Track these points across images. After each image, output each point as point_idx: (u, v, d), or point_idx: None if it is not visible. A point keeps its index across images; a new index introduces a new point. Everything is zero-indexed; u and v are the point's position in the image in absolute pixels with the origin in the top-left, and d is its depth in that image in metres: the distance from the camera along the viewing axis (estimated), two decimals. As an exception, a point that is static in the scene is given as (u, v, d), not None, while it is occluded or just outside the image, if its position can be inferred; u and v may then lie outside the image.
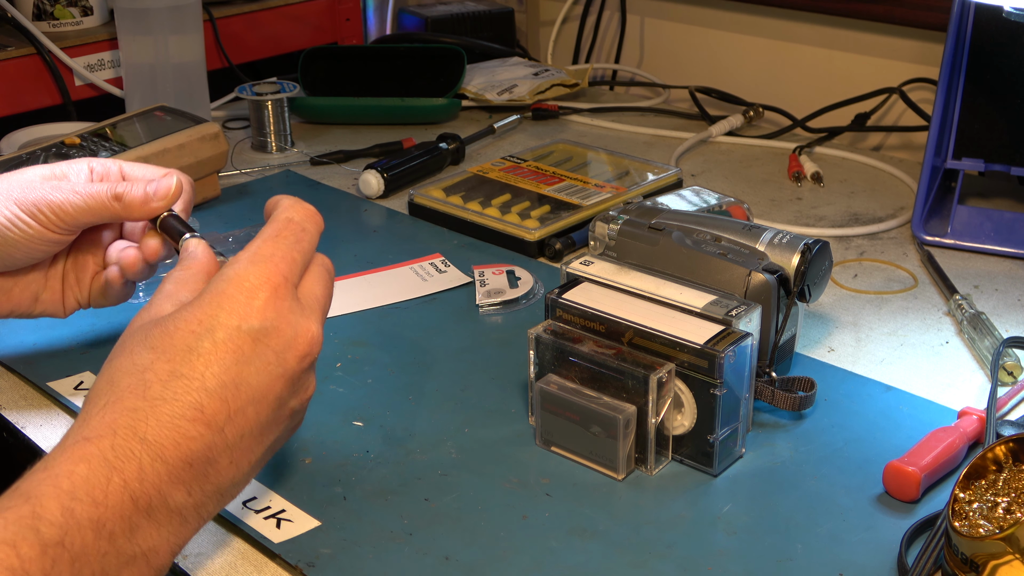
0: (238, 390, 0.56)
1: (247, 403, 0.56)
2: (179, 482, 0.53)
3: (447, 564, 0.62)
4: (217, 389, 0.55)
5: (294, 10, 1.48)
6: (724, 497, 0.67)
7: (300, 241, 0.61)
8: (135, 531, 0.51)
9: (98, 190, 0.70)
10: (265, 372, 0.57)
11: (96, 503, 0.50)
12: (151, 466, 0.52)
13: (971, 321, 0.85)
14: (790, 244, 0.76)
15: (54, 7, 1.29)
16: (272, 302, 0.58)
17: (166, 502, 0.53)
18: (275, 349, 0.58)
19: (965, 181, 1.05)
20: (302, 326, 0.59)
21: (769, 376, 0.74)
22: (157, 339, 0.56)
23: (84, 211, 0.70)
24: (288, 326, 0.58)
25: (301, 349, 0.59)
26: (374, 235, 1.05)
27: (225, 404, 0.55)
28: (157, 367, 0.55)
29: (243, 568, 0.62)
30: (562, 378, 0.71)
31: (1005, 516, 0.58)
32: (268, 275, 0.58)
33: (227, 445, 0.55)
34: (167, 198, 0.71)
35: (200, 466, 0.54)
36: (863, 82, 1.32)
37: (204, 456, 0.54)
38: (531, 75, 1.43)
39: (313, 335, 0.59)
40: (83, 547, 0.49)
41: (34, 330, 0.86)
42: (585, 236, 0.94)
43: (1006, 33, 0.99)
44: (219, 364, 0.56)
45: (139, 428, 0.53)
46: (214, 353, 0.56)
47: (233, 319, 0.57)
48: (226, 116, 1.39)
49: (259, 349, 0.57)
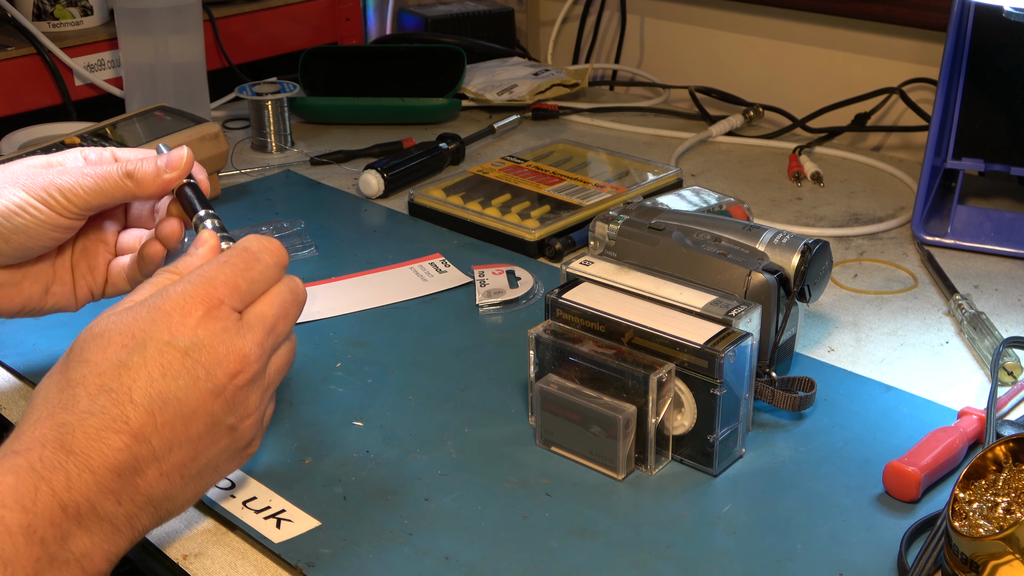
0: (165, 404, 0.57)
1: (175, 417, 0.57)
2: (107, 491, 0.54)
3: (447, 564, 0.62)
4: (143, 402, 0.56)
5: (294, 10, 1.48)
6: (724, 497, 0.67)
7: (249, 269, 0.62)
8: (67, 538, 0.53)
9: (108, 170, 0.70)
10: (194, 387, 0.58)
11: (25, 510, 0.51)
12: (79, 476, 0.53)
13: (971, 321, 0.85)
14: (790, 244, 0.76)
15: (54, 7, 1.29)
16: (205, 321, 0.59)
17: (95, 510, 0.54)
18: (205, 365, 0.58)
19: (965, 181, 1.05)
20: (235, 344, 0.60)
21: (769, 376, 0.74)
22: (92, 351, 0.58)
23: (96, 192, 0.69)
24: (220, 344, 0.59)
25: (232, 367, 0.59)
26: (374, 235, 1.05)
27: (151, 416, 0.56)
28: (88, 381, 0.56)
29: (243, 568, 0.62)
30: (562, 378, 0.71)
31: (1005, 516, 0.58)
32: (205, 295, 0.59)
33: (154, 456, 0.56)
34: (180, 168, 0.70)
35: (128, 476, 0.55)
36: (863, 82, 1.32)
37: (131, 466, 0.55)
38: (531, 75, 1.43)
39: (245, 353, 0.60)
40: (14, 552, 0.51)
41: (34, 330, 0.86)
42: (585, 236, 0.94)
43: (1006, 33, 0.99)
44: (146, 378, 0.57)
45: (66, 441, 0.54)
46: (143, 367, 0.57)
47: (164, 334, 0.58)
48: (226, 116, 1.39)
49: (188, 364, 0.58)
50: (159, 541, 0.64)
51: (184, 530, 0.65)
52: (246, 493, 0.67)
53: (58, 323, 0.87)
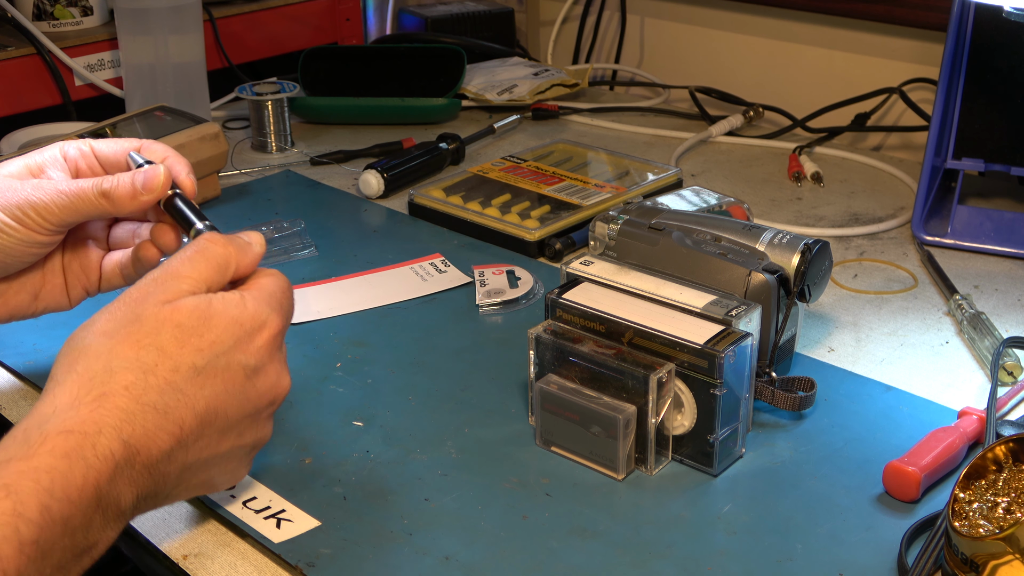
0: (216, 416, 0.58)
1: (217, 430, 0.59)
2: (134, 485, 0.55)
3: (447, 564, 0.62)
4: (203, 413, 0.58)
5: (294, 10, 1.48)
6: (724, 497, 0.67)
7: (291, 302, 0.65)
8: (90, 527, 0.53)
9: (83, 187, 0.69)
10: (241, 407, 0.60)
11: (70, 502, 0.51)
12: (122, 469, 0.54)
13: (971, 321, 0.85)
14: (790, 244, 0.76)
15: (54, 7, 1.29)
16: (268, 346, 0.61)
17: (119, 503, 0.54)
18: (258, 388, 0.61)
19: (965, 181, 1.05)
20: (284, 377, 0.63)
21: (769, 376, 0.74)
22: (168, 341, 0.57)
23: (70, 211, 0.69)
24: (273, 371, 0.62)
25: (276, 396, 0.62)
26: (374, 235, 1.05)
27: (201, 427, 0.58)
28: (159, 372, 0.56)
29: (243, 568, 0.62)
30: (562, 378, 0.71)
31: (1005, 516, 0.58)
32: (276, 323, 0.62)
33: (186, 465, 0.58)
34: (156, 190, 0.69)
35: (158, 476, 0.56)
36: (863, 82, 1.32)
37: (163, 469, 0.56)
38: (531, 75, 1.43)
39: (287, 388, 0.63)
40: (51, 543, 0.50)
41: (34, 330, 0.86)
42: (585, 236, 0.94)
43: (1006, 33, 0.99)
44: (212, 389, 0.58)
45: (124, 430, 0.54)
46: (215, 379, 0.58)
47: (238, 353, 0.59)
48: (226, 116, 1.39)
49: (247, 387, 0.60)
50: (159, 541, 0.64)
51: (184, 530, 0.65)
52: (246, 493, 0.67)
53: (58, 323, 0.87)
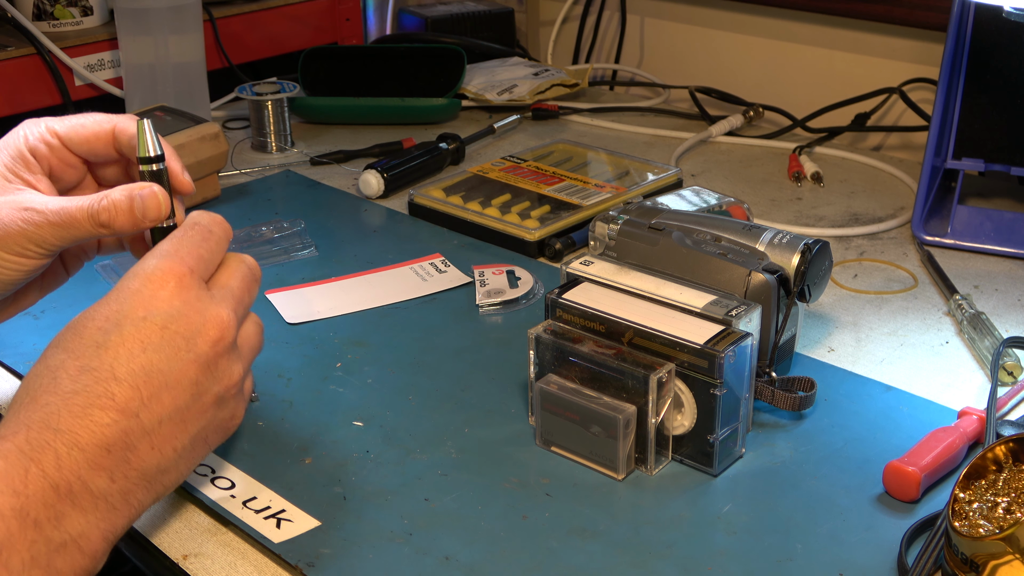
0: (149, 377, 0.57)
1: (160, 388, 0.57)
2: (99, 468, 0.54)
3: (447, 564, 0.62)
4: (127, 377, 0.57)
5: (294, 10, 1.48)
6: (724, 497, 0.67)
7: (206, 240, 0.63)
8: (61, 518, 0.53)
9: (74, 216, 0.65)
10: (176, 358, 0.58)
11: (16, 493, 0.51)
12: (67, 454, 0.54)
13: (971, 321, 0.85)
14: (790, 244, 0.76)
15: (54, 7, 1.29)
16: (178, 292, 0.60)
17: (88, 488, 0.54)
18: (183, 335, 0.59)
19: (965, 181, 1.05)
20: (211, 312, 0.60)
21: (769, 376, 0.74)
22: (68, 340, 0.58)
23: (67, 239, 0.66)
24: (196, 313, 0.60)
25: (211, 334, 0.60)
26: (374, 235, 1.05)
27: (136, 391, 0.57)
28: (68, 365, 0.57)
29: (243, 568, 0.62)
30: (562, 378, 0.71)
31: (1005, 516, 0.58)
32: (172, 267, 0.60)
33: (144, 430, 0.57)
34: (158, 218, 0.66)
35: (119, 452, 0.55)
36: (863, 82, 1.32)
37: (122, 442, 0.56)
38: (531, 75, 1.43)
39: (223, 319, 0.61)
40: (8, 535, 0.50)
41: (34, 330, 0.86)
42: (585, 236, 0.94)
43: (1006, 33, 0.99)
44: (127, 354, 0.57)
45: (51, 420, 0.54)
46: (121, 345, 0.57)
47: (139, 311, 0.58)
48: (226, 116, 1.39)
49: (166, 336, 0.58)
50: (159, 541, 0.64)
51: (184, 530, 0.65)
52: (246, 493, 0.67)
53: (58, 323, 0.87)
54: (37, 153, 0.70)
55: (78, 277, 0.95)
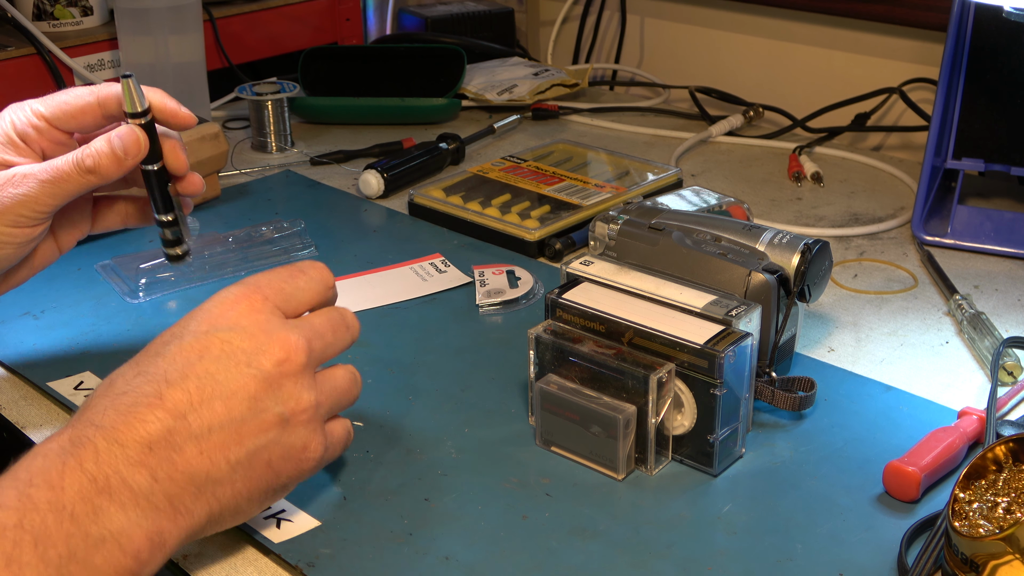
0: (202, 382, 0.56)
1: (213, 396, 0.56)
2: (139, 465, 0.53)
3: (447, 564, 0.62)
4: (179, 381, 0.56)
5: (294, 10, 1.48)
6: (724, 497, 0.67)
7: (293, 277, 0.62)
8: (99, 513, 0.52)
9: (63, 170, 0.69)
10: (234, 370, 0.57)
11: (52, 486, 0.51)
12: (107, 449, 0.53)
13: (971, 321, 0.85)
14: (790, 244, 0.76)
15: (54, 7, 1.29)
16: (247, 313, 0.59)
17: (127, 483, 0.53)
18: (245, 350, 0.58)
19: (965, 181, 1.05)
20: (279, 334, 0.59)
21: (769, 376, 0.74)
22: (139, 356, 0.59)
23: (58, 196, 0.69)
24: (262, 332, 0.59)
25: (277, 354, 0.59)
26: (374, 235, 1.05)
27: (187, 394, 0.56)
28: (126, 371, 0.57)
29: (243, 568, 0.62)
30: (562, 378, 0.71)
31: (1005, 516, 0.58)
32: (246, 292, 0.60)
33: (192, 434, 0.55)
34: (139, 153, 0.70)
35: (162, 451, 0.54)
36: (863, 82, 1.32)
37: (165, 440, 0.55)
38: (531, 75, 1.43)
39: (291, 341, 0.59)
40: (44, 528, 0.50)
41: (34, 330, 0.86)
42: (585, 236, 0.94)
43: (1006, 33, 0.99)
44: (183, 360, 0.57)
45: (96, 418, 0.54)
46: (180, 352, 0.57)
47: (203, 325, 0.59)
48: (226, 116, 1.39)
49: (227, 348, 0.58)
50: (159, 541, 0.64)
51: (184, 530, 0.65)
52: (246, 493, 0.67)
53: (58, 323, 0.87)
54: (27, 138, 0.71)
55: (78, 277, 0.95)
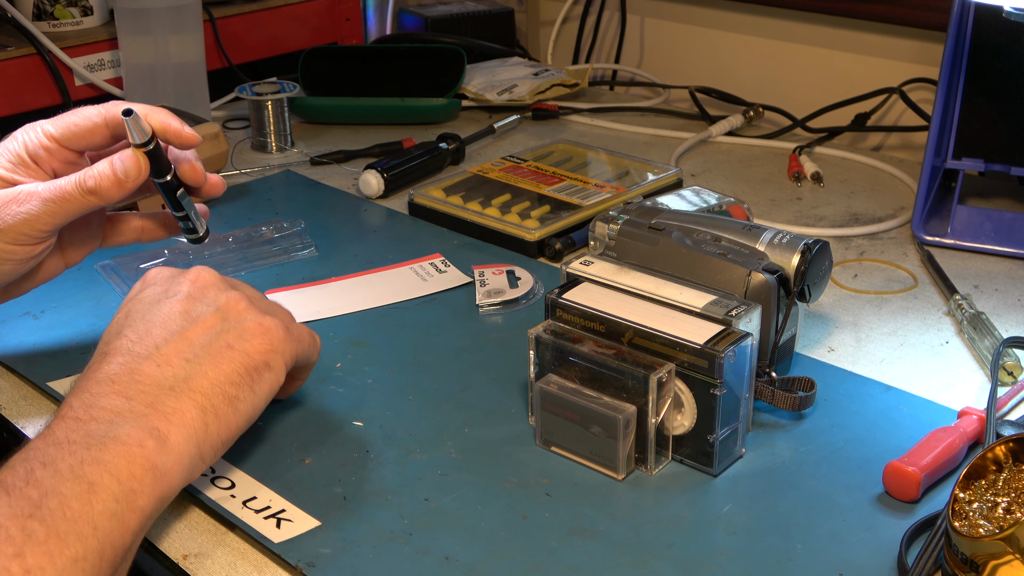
0: (135, 325, 0.64)
1: (151, 328, 0.64)
2: (109, 394, 0.60)
3: (447, 564, 0.62)
4: (115, 336, 0.64)
5: (294, 10, 1.48)
6: (724, 497, 0.67)
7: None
8: (91, 435, 0.57)
9: (66, 190, 0.70)
10: (157, 306, 0.66)
11: (44, 439, 0.57)
12: (77, 398, 0.60)
13: (971, 321, 0.85)
14: (790, 244, 0.76)
15: (54, 7, 1.29)
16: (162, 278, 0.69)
17: (104, 408, 0.59)
18: (163, 287, 0.67)
19: (965, 181, 1.05)
20: (191, 270, 0.68)
21: (769, 376, 0.74)
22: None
23: (60, 215, 0.70)
24: (177, 273, 0.68)
25: (187, 282, 0.67)
26: (374, 235, 1.05)
27: (127, 340, 0.63)
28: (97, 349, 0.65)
29: (243, 568, 0.62)
30: (562, 378, 0.71)
31: (1005, 516, 0.58)
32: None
33: (143, 356, 0.63)
34: (139, 177, 0.72)
35: (124, 378, 0.61)
36: (863, 82, 1.32)
37: (123, 370, 0.62)
38: (531, 75, 1.43)
39: (200, 270, 0.68)
40: (48, 455, 0.56)
41: (34, 330, 0.86)
42: (585, 236, 0.94)
43: (1006, 33, 0.99)
44: (113, 328, 0.65)
45: (72, 392, 0.62)
46: (107, 330, 0.66)
47: (119, 313, 0.67)
48: (226, 116, 1.39)
49: (142, 300, 0.67)
50: (159, 541, 0.64)
51: (184, 530, 0.65)
52: (246, 493, 0.67)
53: (58, 323, 0.87)
54: (38, 158, 0.73)
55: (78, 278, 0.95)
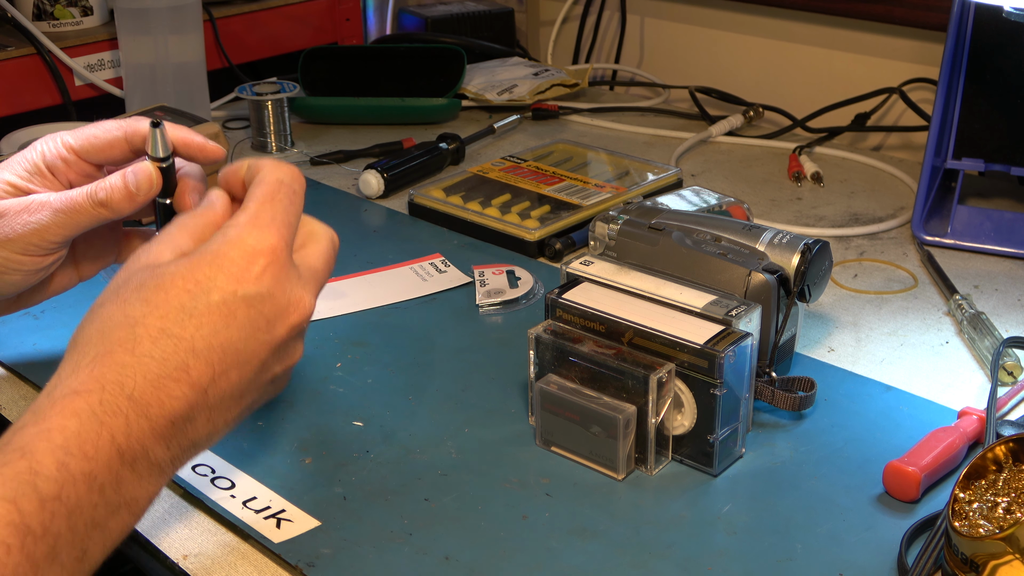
0: (224, 354, 0.57)
1: (231, 367, 0.57)
2: (160, 438, 0.55)
3: (447, 564, 0.62)
4: (204, 351, 0.56)
5: (294, 10, 1.48)
6: (724, 497, 0.67)
7: (293, 203, 0.62)
8: (121, 483, 0.53)
9: (77, 201, 0.68)
10: (253, 338, 0.58)
11: (87, 457, 0.51)
12: (136, 422, 0.54)
13: (971, 321, 0.85)
14: (790, 244, 0.76)
15: (54, 7, 1.29)
16: (270, 268, 0.59)
17: (148, 456, 0.54)
18: (267, 316, 0.59)
19: (965, 181, 1.05)
20: (296, 295, 0.60)
21: (769, 376, 0.74)
22: (151, 291, 0.57)
23: (70, 227, 0.68)
24: (282, 294, 0.59)
25: (292, 319, 0.60)
26: (374, 235, 1.05)
27: (211, 367, 0.56)
28: (148, 322, 0.56)
29: (243, 568, 0.62)
30: (562, 378, 0.71)
31: (1005, 516, 0.58)
32: (268, 240, 0.59)
33: (207, 406, 0.57)
34: (150, 191, 0.68)
35: (181, 424, 0.56)
36: (863, 82, 1.32)
37: (185, 415, 0.56)
38: (531, 75, 1.43)
39: (306, 306, 0.61)
40: (77, 500, 0.51)
41: (34, 330, 0.86)
42: (585, 236, 0.94)
43: (1006, 33, 0.99)
44: (210, 327, 0.56)
45: (127, 384, 0.54)
46: (207, 315, 0.57)
47: (230, 283, 0.57)
48: (226, 116, 1.39)
49: (251, 315, 0.58)
50: (159, 541, 0.64)
51: (184, 530, 0.65)
52: (246, 493, 0.67)
53: (58, 323, 0.87)
54: (56, 169, 0.72)
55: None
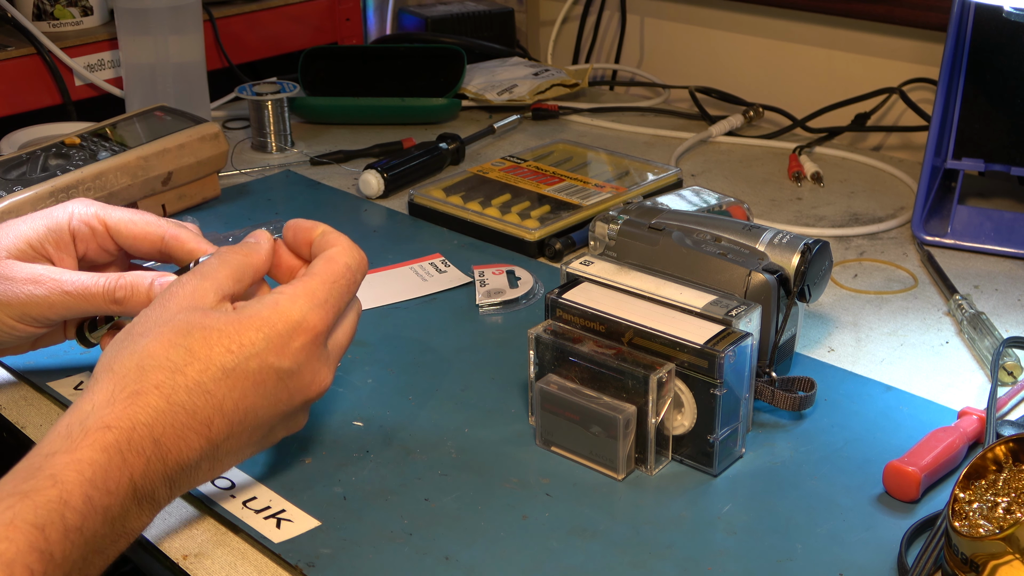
0: (245, 416, 0.61)
1: (246, 428, 0.61)
2: (168, 480, 0.58)
3: (447, 564, 0.62)
4: (230, 412, 0.60)
5: (294, 10, 1.48)
6: (724, 497, 0.67)
7: (350, 292, 0.66)
8: (127, 517, 0.56)
9: (91, 291, 0.67)
10: (274, 407, 0.62)
11: (109, 492, 0.54)
12: (154, 465, 0.56)
13: (971, 321, 0.85)
14: (790, 244, 0.76)
15: (54, 7, 1.29)
16: (308, 346, 0.62)
17: (155, 497, 0.57)
18: (290, 390, 0.62)
19: (965, 181, 1.05)
20: (320, 374, 0.64)
21: (769, 376, 0.74)
22: (196, 342, 0.59)
23: (74, 310, 0.68)
24: (309, 372, 0.63)
25: (311, 394, 0.64)
26: (374, 235, 1.05)
27: (229, 426, 0.60)
28: (188, 372, 0.58)
29: (243, 568, 0.62)
30: (562, 378, 0.71)
31: (1005, 516, 0.58)
32: (314, 321, 0.62)
33: (214, 457, 0.60)
34: None
35: (188, 470, 0.59)
36: (863, 82, 1.32)
37: (195, 463, 0.59)
38: (531, 75, 1.43)
39: (325, 384, 0.64)
40: (94, 531, 0.53)
41: (34, 330, 0.86)
42: (585, 236, 0.94)
43: (1006, 33, 0.99)
44: (241, 391, 0.60)
45: (155, 429, 0.56)
46: (241, 379, 0.60)
47: (270, 355, 0.61)
48: (226, 116, 1.39)
49: (278, 387, 0.61)
50: (159, 541, 0.64)
51: (184, 530, 0.65)
52: (246, 493, 0.67)
53: (58, 323, 0.87)
54: (78, 234, 0.71)
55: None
